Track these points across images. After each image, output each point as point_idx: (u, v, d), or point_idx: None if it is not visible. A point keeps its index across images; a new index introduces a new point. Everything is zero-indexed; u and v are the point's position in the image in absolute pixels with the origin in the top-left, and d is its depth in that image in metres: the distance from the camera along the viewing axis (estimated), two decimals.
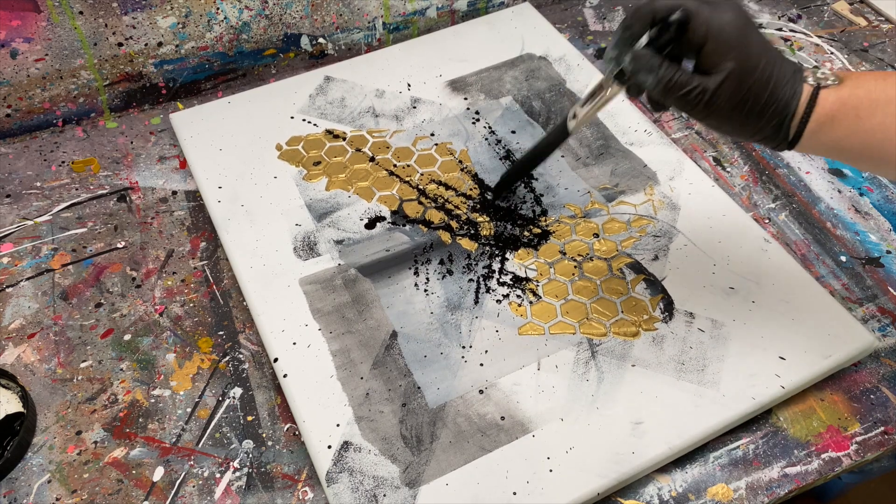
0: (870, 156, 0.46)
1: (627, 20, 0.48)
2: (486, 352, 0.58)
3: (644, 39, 0.47)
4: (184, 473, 0.54)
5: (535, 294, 0.62)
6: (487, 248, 0.66)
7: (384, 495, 0.51)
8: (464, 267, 0.64)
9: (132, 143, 0.77)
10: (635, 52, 0.47)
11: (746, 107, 0.45)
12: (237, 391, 0.59)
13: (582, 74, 0.80)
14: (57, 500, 0.53)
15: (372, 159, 0.73)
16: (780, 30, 0.91)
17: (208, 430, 0.56)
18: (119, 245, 0.68)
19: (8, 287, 0.65)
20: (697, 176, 0.70)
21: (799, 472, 0.55)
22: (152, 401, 0.58)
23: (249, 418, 0.57)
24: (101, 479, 0.54)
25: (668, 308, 0.61)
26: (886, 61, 0.86)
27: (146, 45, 0.78)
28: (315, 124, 0.76)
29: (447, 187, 0.70)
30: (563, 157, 0.73)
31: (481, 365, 0.58)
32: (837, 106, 0.45)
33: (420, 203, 0.69)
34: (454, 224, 0.67)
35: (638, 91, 0.50)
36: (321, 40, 0.85)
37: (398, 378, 0.57)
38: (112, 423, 0.57)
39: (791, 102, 0.46)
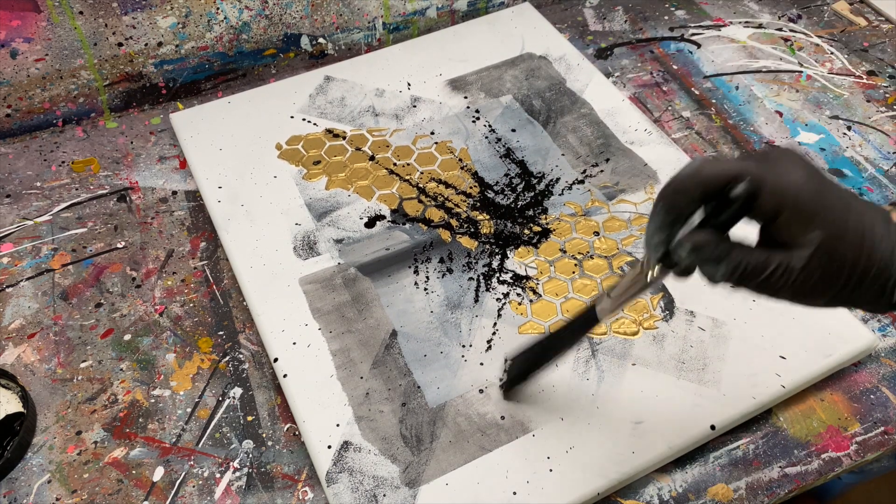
0: None
1: (669, 199, 0.38)
2: (487, 351, 0.58)
3: (696, 218, 0.38)
4: (184, 473, 0.54)
5: (535, 292, 0.62)
6: (487, 246, 0.66)
7: (384, 495, 0.51)
8: (464, 265, 0.64)
9: (132, 143, 0.77)
10: (694, 240, 0.38)
11: (842, 279, 0.37)
12: (237, 391, 0.59)
13: (582, 74, 0.80)
14: (57, 500, 0.53)
15: (372, 158, 0.73)
16: (780, 30, 0.91)
17: (208, 430, 0.56)
18: (119, 245, 0.68)
19: (8, 287, 0.65)
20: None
21: (799, 472, 0.55)
22: (152, 401, 0.58)
23: (249, 418, 0.57)
24: (101, 479, 0.54)
25: (669, 307, 0.61)
26: (886, 61, 0.86)
27: (146, 45, 0.78)
28: (315, 124, 0.76)
29: (447, 186, 0.70)
30: (563, 155, 0.73)
31: (481, 364, 0.58)
32: None
33: (420, 202, 0.69)
34: (454, 222, 0.67)
35: (688, 271, 0.40)
36: (321, 40, 0.85)
37: (398, 377, 0.57)
38: (112, 423, 0.57)
39: (892, 263, 0.38)
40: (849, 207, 0.37)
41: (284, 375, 0.57)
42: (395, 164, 0.72)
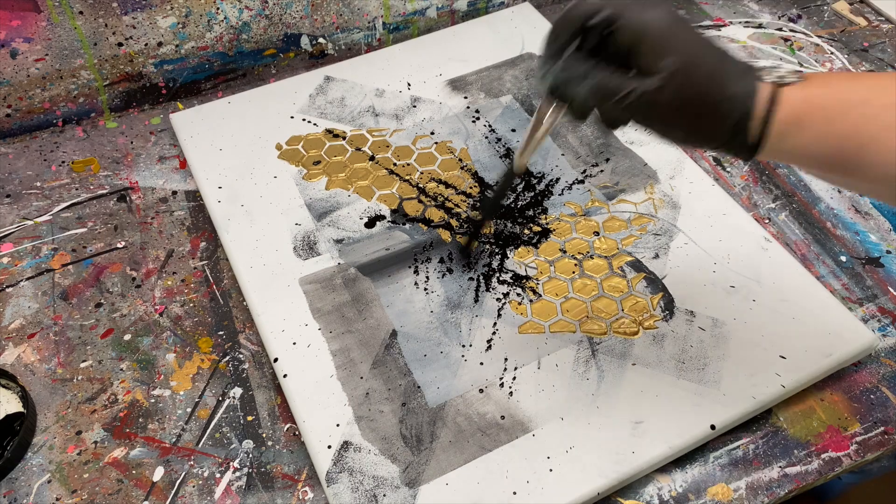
0: (843, 164, 0.41)
1: (550, 33, 0.43)
2: (486, 351, 0.58)
3: (571, 49, 0.42)
4: (184, 473, 0.54)
5: (535, 292, 0.62)
6: (487, 246, 0.66)
7: (384, 495, 0.51)
8: (464, 265, 0.64)
9: (132, 143, 0.77)
10: (563, 62, 0.42)
11: (695, 107, 0.40)
12: (237, 391, 0.59)
13: None
14: (57, 500, 0.53)
15: (372, 158, 0.73)
16: (780, 30, 0.91)
17: (208, 430, 0.56)
18: (119, 245, 0.68)
19: (8, 287, 0.65)
20: (697, 175, 0.70)
21: (799, 472, 0.55)
22: (152, 401, 0.58)
23: (249, 418, 0.57)
24: (101, 479, 0.54)
25: (669, 306, 0.61)
26: (886, 61, 0.86)
27: (146, 45, 0.78)
28: (315, 124, 0.76)
29: (447, 186, 0.70)
30: (563, 155, 0.73)
31: (481, 364, 0.58)
32: (805, 107, 0.40)
33: (420, 202, 0.69)
34: (454, 222, 0.67)
35: (580, 110, 0.44)
36: (321, 40, 0.85)
37: (398, 377, 0.57)
38: (112, 423, 0.57)
39: (747, 101, 0.40)
40: (708, 48, 0.41)
41: (284, 375, 0.57)
42: (395, 165, 0.72)
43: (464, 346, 0.59)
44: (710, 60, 0.41)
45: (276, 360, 0.58)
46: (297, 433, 0.56)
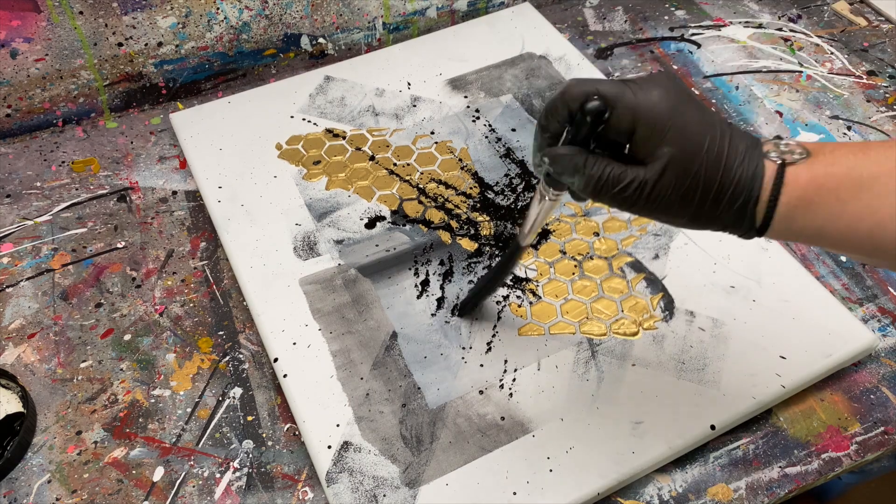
0: (859, 244, 0.39)
1: (541, 121, 0.42)
2: (486, 352, 0.58)
3: (562, 139, 0.41)
4: (184, 473, 0.54)
5: (534, 294, 0.62)
6: (487, 247, 0.66)
7: (384, 495, 0.51)
8: (464, 267, 0.64)
9: (132, 143, 0.77)
10: (553, 153, 0.41)
11: (697, 195, 0.39)
12: (237, 391, 0.59)
13: (582, 74, 0.80)
14: (57, 500, 0.53)
15: (372, 158, 0.73)
16: (780, 30, 0.91)
17: (208, 430, 0.56)
18: (119, 245, 0.68)
19: (8, 287, 0.65)
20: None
21: (799, 473, 0.55)
22: (152, 401, 0.58)
23: (249, 418, 0.57)
24: (101, 479, 0.54)
25: (669, 307, 0.61)
26: (886, 61, 0.86)
27: (146, 45, 0.78)
28: (315, 123, 0.76)
29: (447, 186, 0.70)
30: None
31: (481, 366, 0.58)
32: (813, 188, 0.38)
33: (420, 202, 0.69)
34: (454, 224, 0.67)
35: (581, 198, 0.44)
36: (321, 40, 0.85)
37: (398, 378, 0.57)
38: (112, 423, 0.57)
39: (752, 183, 0.38)
40: (709, 129, 0.39)
41: (284, 375, 0.57)
42: (395, 165, 0.72)
43: (464, 347, 0.59)
44: (712, 143, 0.38)
45: (276, 360, 0.58)
46: (297, 433, 0.56)
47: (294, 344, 0.58)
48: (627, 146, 0.40)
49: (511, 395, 0.56)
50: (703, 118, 0.39)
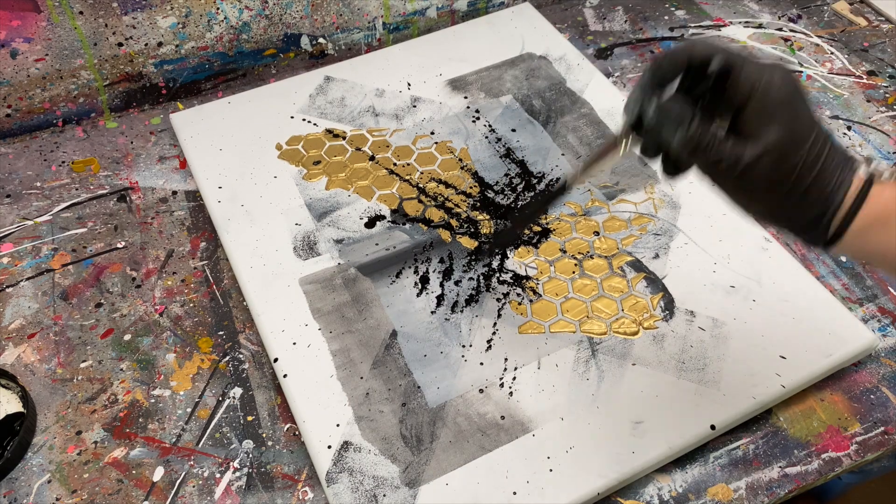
0: None
1: (656, 63, 0.40)
2: (487, 351, 0.58)
3: (673, 88, 0.40)
4: (184, 473, 0.54)
5: (535, 292, 0.62)
6: (487, 246, 0.65)
7: (384, 495, 0.51)
8: (464, 265, 0.64)
9: (132, 143, 0.77)
10: (664, 100, 0.39)
11: (785, 187, 0.38)
12: (237, 391, 0.59)
13: (582, 74, 0.80)
14: (57, 500, 0.53)
15: (372, 158, 0.73)
16: (780, 30, 0.91)
17: (208, 430, 0.56)
18: (119, 245, 0.68)
19: (8, 287, 0.65)
20: (697, 175, 0.70)
21: (799, 472, 0.55)
22: (152, 401, 0.58)
23: (249, 418, 0.57)
24: (101, 479, 0.54)
25: (669, 306, 0.61)
26: (886, 61, 0.86)
27: (146, 45, 0.78)
28: (315, 124, 0.76)
29: (447, 186, 0.70)
30: (563, 154, 0.73)
31: (481, 364, 0.57)
32: (893, 206, 0.38)
33: (420, 202, 0.69)
34: (454, 222, 0.67)
35: (656, 150, 0.41)
36: (321, 40, 0.85)
37: (398, 378, 0.57)
38: (112, 423, 0.57)
39: (838, 192, 0.38)
40: (817, 128, 0.38)
41: (284, 375, 0.57)
42: (395, 164, 0.72)
43: (464, 346, 0.59)
44: (816, 140, 0.38)
45: (276, 360, 0.58)
46: (297, 433, 0.56)
47: (294, 344, 0.58)
48: (731, 119, 0.39)
49: (511, 393, 0.56)
50: (814, 116, 0.39)
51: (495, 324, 0.60)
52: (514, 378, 0.57)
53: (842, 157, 0.39)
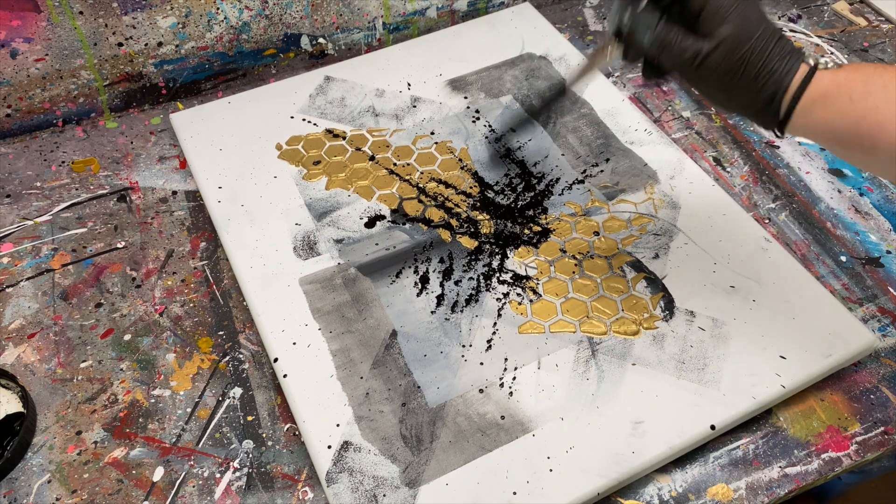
0: (859, 141, 0.45)
1: None
2: (486, 351, 0.58)
3: (644, 1, 0.48)
4: (184, 473, 0.54)
5: (535, 292, 0.62)
6: (487, 246, 0.66)
7: (384, 495, 0.51)
8: (464, 265, 0.64)
9: (132, 143, 0.77)
10: (636, 12, 0.48)
11: (739, 74, 0.46)
12: (237, 391, 0.59)
13: None
14: (57, 500, 0.53)
15: (372, 158, 0.73)
16: (780, 29, 0.91)
17: (208, 430, 0.56)
18: (119, 245, 0.68)
19: (8, 287, 0.65)
20: (697, 175, 0.70)
21: (799, 472, 0.55)
22: (152, 401, 0.58)
23: (249, 418, 0.57)
24: (101, 479, 0.54)
25: (669, 306, 0.61)
26: (886, 61, 0.86)
27: (146, 45, 0.78)
28: (315, 124, 0.76)
29: (447, 185, 0.70)
30: (563, 155, 0.73)
31: (481, 364, 0.58)
32: (832, 87, 0.45)
33: (420, 201, 0.69)
34: (454, 222, 0.67)
35: (636, 54, 0.50)
36: (321, 40, 0.85)
37: (398, 377, 0.57)
38: (112, 423, 0.57)
39: (785, 78, 0.46)
40: (764, 25, 0.46)
41: (284, 375, 0.57)
42: (395, 164, 0.72)
43: (464, 346, 0.59)
44: (762, 35, 0.45)
45: (276, 360, 0.58)
46: (297, 433, 0.56)
47: (294, 344, 0.58)
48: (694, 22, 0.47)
49: (511, 393, 0.56)
50: (762, 16, 0.46)
51: (495, 324, 0.60)
52: (514, 378, 0.57)
53: (789, 48, 0.46)
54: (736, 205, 0.68)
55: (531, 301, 0.62)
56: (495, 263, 0.64)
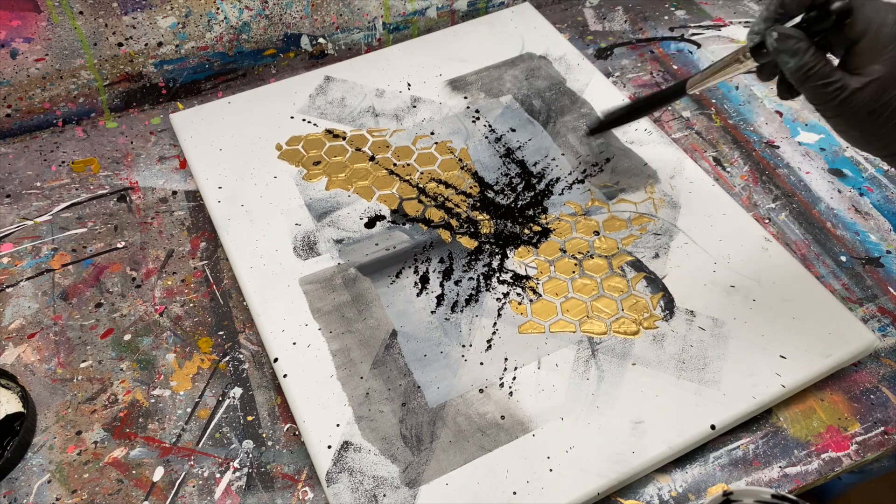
0: None
1: None
2: (486, 350, 0.58)
3: (796, 20, 0.45)
4: (184, 473, 0.54)
5: (535, 292, 0.62)
6: (487, 246, 0.66)
7: (384, 495, 0.51)
8: (464, 265, 0.64)
9: (132, 143, 0.77)
10: (783, 30, 0.44)
11: (883, 117, 0.43)
12: (237, 391, 0.59)
13: (582, 74, 0.80)
14: (57, 500, 0.53)
15: (372, 158, 0.73)
16: None
17: (208, 430, 0.56)
18: (119, 245, 0.68)
19: (8, 287, 0.65)
20: (698, 175, 0.70)
21: (799, 472, 0.55)
22: (152, 401, 0.58)
23: (249, 418, 0.57)
24: (101, 479, 0.54)
25: (669, 306, 0.61)
26: None
27: (146, 45, 0.78)
28: (315, 124, 0.76)
29: (447, 186, 0.70)
30: (563, 154, 0.73)
31: (481, 364, 0.58)
32: None
33: (420, 202, 0.69)
34: (454, 222, 0.67)
35: (770, 74, 0.48)
36: (321, 40, 0.85)
37: (398, 377, 0.57)
38: (112, 423, 0.57)
39: None
40: None
41: (284, 375, 0.57)
42: (395, 165, 0.72)
43: (464, 346, 0.59)
44: None
45: (276, 360, 0.58)
46: (297, 433, 0.56)
47: (294, 344, 0.58)
48: (843, 54, 0.45)
49: (511, 393, 0.56)
50: None
51: (495, 323, 0.60)
52: (514, 378, 0.57)
53: None
54: (736, 205, 0.68)
55: (531, 301, 0.62)
56: (495, 263, 0.64)
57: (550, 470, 0.52)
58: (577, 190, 0.70)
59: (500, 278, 0.63)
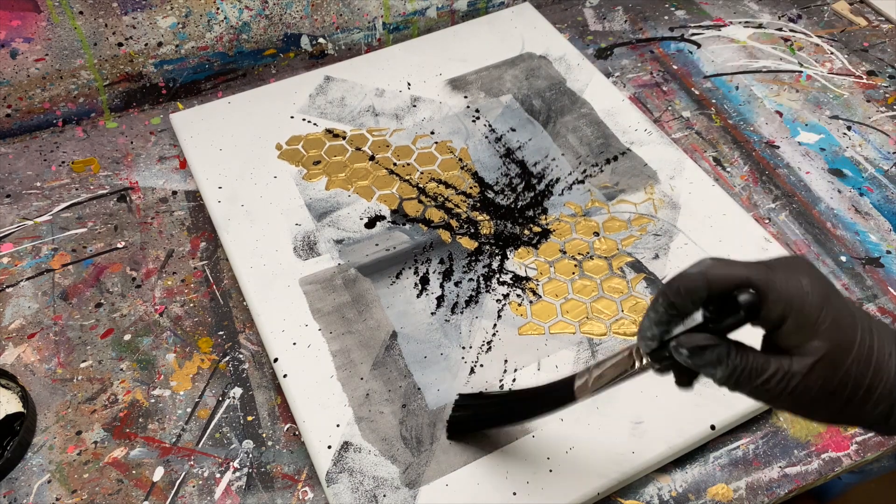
0: None
1: (672, 298, 0.37)
2: (487, 352, 0.58)
3: (694, 321, 0.38)
4: (184, 473, 0.54)
5: (535, 293, 0.62)
6: (487, 246, 0.66)
7: (384, 495, 0.51)
8: (464, 266, 0.64)
9: (132, 143, 0.77)
10: (690, 342, 0.37)
11: (845, 393, 0.36)
12: (237, 391, 0.59)
13: (582, 74, 0.80)
14: (57, 500, 0.53)
15: (372, 158, 0.73)
16: (780, 30, 0.91)
17: (208, 430, 0.56)
18: (119, 245, 0.68)
19: (8, 287, 0.65)
20: (698, 175, 0.70)
21: (799, 472, 0.55)
22: (152, 401, 0.58)
23: (249, 418, 0.57)
24: (101, 479, 0.54)
25: None
26: (886, 61, 0.86)
27: (146, 45, 0.78)
28: (315, 124, 0.76)
29: (447, 186, 0.70)
30: (563, 155, 0.73)
31: (481, 366, 0.57)
32: None
33: (420, 202, 0.69)
34: (454, 223, 0.67)
35: (689, 382, 0.40)
36: (321, 40, 0.85)
37: (398, 379, 0.57)
38: (112, 423, 0.57)
39: None
40: (858, 321, 0.36)
41: (284, 375, 0.57)
42: (395, 164, 0.72)
43: (464, 347, 0.59)
44: (863, 339, 0.36)
45: (276, 360, 0.58)
46: (297, 433, 0.56)
47: (294, 344, 0.58)
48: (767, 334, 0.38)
49: None
50: (852, 311, 0.37)
51: (495, 325, 0.60)
52: (514, 379, 0.57)
53: (891, 336, 0.37)
54: (736, 205, 0.68)
55: (531, 302, 0.62)
56: (495, 264, 0.64)
57: (550, 470, 0.52)
58: (577, 190, 0.70)
59: (500, 279, 0.63)
